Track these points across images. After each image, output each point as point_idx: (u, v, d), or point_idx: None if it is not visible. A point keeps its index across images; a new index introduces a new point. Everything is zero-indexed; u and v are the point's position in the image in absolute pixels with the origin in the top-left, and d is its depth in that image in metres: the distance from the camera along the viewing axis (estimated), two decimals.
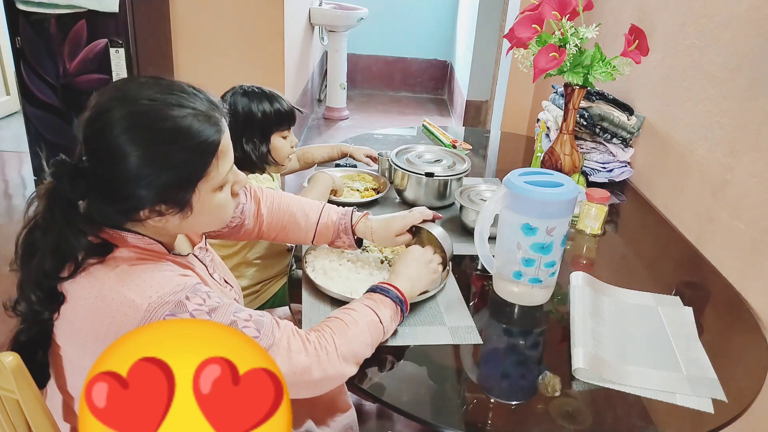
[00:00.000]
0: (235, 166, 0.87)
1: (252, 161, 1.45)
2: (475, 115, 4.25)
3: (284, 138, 1.51)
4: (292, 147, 1.54)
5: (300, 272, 1.23)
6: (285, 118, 1.50)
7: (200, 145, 0.78)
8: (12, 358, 0.74)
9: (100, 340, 0.76)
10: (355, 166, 1.82)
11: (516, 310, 1.17)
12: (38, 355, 0.84)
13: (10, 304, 0.82)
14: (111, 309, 0.75)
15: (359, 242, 1.21)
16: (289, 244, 1.61)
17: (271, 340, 0.82)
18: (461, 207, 1.44)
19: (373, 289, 1.02)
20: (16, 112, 4.18)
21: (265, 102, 1.46)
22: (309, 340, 0.87)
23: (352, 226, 1.19)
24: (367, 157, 1.79)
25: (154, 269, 0.79)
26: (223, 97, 1.47)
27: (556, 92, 2.05)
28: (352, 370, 0.92)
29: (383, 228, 1.17)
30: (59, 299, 0.78)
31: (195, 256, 0.95)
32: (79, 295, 0.77)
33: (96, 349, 0.73)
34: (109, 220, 0.81)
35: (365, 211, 1.23)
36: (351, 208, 1.23)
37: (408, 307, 1.04)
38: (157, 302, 0.75)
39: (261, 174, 1.50)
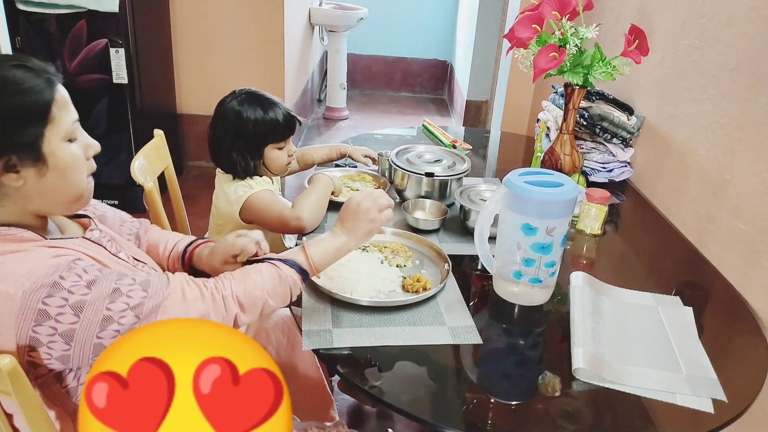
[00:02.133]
0: (82, 129, 0.87)
1: (237, 172, 1.44)
2: (475, 115, 4.25)
3: (280, 149, 1.49)
4: (289, 156, 1.52)
5: None
6: (280, 130, 1.46)
7: (41, 88, 0.79)
8: (8, 361, 0.74)
9: None
10: (354, 166, 1.82)
11: (516, 310, 1.17)
12: None
13: None
14: None
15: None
16: (288, 243, 1.61)
17: (161, 296, 0.82)
18: (461, 207, 1.44)
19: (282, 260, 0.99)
20: None
21: (259, 111, 1.42)
22: (206, 285, 0.87)
23: (186, 255, 1.14)
24: (366, 157, 1.78)
25: (23, 257, 0.77)
26: (219, 104, 1.46)
27: (556, 92, 2.05)
28: (246, 316, 0.91)
29: (208, 255, 1.10)
30: None
31: (87, 239, 0.92)
32: None
33: None
34: None
35: (207, 239, 1.19)
36: (200, 238, 1.19)
37: (314, 271, 1.02)
38: (31, 288, 0.74)
39: (260, 177, 1.49)
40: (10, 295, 0.73)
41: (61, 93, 0.82)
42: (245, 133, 1.43)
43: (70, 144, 0.83)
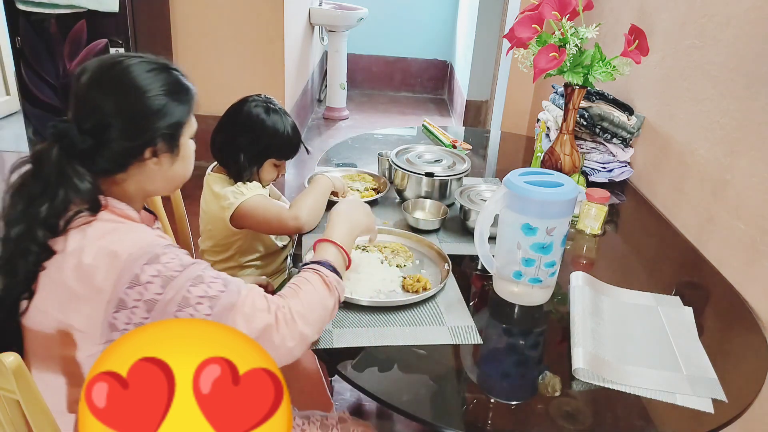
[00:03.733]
0: None
1: (239, 174, 1.44)
2: (475, 115, 4.25)
3: (276, 165, 1.49)
4: (280, 175, 1.53)
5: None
6: (288, 150, 1.48)
7: (188, 91, 0.95)
8: (13, 359, 0.74)
9: (79, 292, 0.80)
10: (355, 166, 1.82)
11: (516, 310, 1.17)
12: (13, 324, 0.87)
13: None
14: (94, 260, 0.81)
15: None
16: (280, 243, 1.61)
17: (237, 296, 0.85)
18: (461, 207, 1.44)
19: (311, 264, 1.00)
20: (16, 112, 4.17)
21: (279, 124, 1.44)
22: (272, 301, 0.89)
23: None
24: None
25: (133, 228, 0.87)
26: (243, 102, 1.46)
27: (556, 92, 2.05)
28: (309, 327, 0.90)
29: None
30: (49, 251, 0.83)
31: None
32: (65, 247, 0.83)
33: (74, 305, 0.81)
34: (113, 167, 0.89)
35: None
36: None
37: (349, 260, 1.06)
38: (136, 253, 0.81)
39: (251, 183, 1.47)
40: (117, 255, 0.81)
41: (196, 100, 0.98)
42: (261, 140, 1.43)
43: (191, 141, 0.99)
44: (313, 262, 0.99)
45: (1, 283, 0.85)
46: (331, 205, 1.49)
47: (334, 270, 0.99)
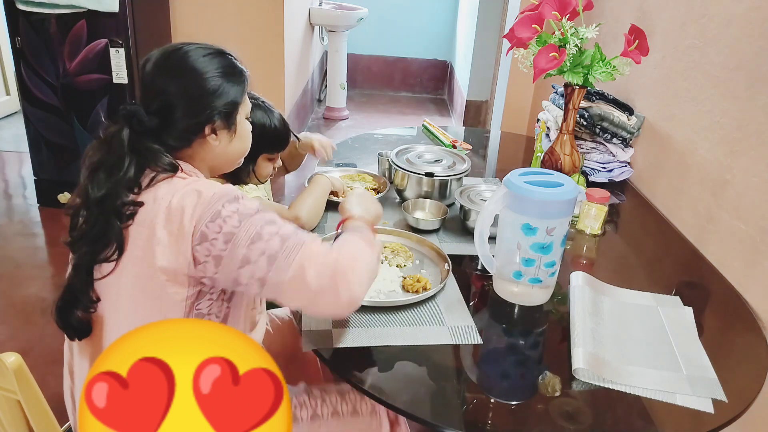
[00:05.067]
0: None
1: (235, 173, 1.43)
2: (475, 115, 4.25)
3: (270, 160, 1.48)
4: (274, 168, 1.53)
5: None
6: (279, 142, 1.46)
7: (242, 74, 1.03)
8: (14, 359, 0.74)
9: (169, 233, 0.87)
10: (355, 166, 1.82)
11: (516, 310, 1.17)
12: (83, 301, 0.93)
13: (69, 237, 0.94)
14: (181, 200, 0.88)
15: None
16: None
17: (304, 239, 0.90)
18: (461, 207, 1.44)
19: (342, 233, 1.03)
20: (16, 112, 4.18)
21: (266, 118, 1.41)
22: (331, 252, 0.92)
23: None
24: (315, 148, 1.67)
25: (210, 180, 0.98)
26: None
27: (556, 92, 2.05)
28: (364, 280, 0.92)
29: None
30: (136, 205, 0.90)
31: None
32: (155, 196, 0.90)
33: (161, 247, 0.87)
34: (179, 143, 0.98)
35: None
36: None
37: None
38: (218, 193, 0.89)
39: (246, 185, 1.47)
40: (201, 193, 0.89)
41: (249, 82, 1.05)
42: (263, 135, 1.42)
43: (246, 121, 1.07)
44: (345, 231, 1.04)
45: (83, 250, 0.91)
46: (330, 204, 1.50)
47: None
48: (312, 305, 0.90)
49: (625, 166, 1.88)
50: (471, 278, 1.28)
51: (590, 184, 1.77)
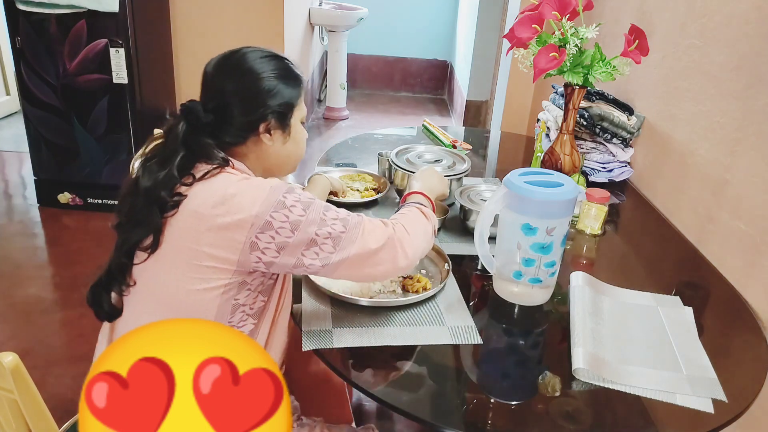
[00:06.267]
0: None
1: None
2: (475, 115, 4.25)
3: None
4: None
5: None
6: None
7: (297, 78, 1.07)
8: (11, 358, 0.74)
9: (222, 221, 0.90)
10: (355, 166, 1.82)
11: (516, 310, 1.17)
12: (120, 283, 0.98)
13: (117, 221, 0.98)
14: (238, 189, 0.92)
15: None
16: None
17: (361, 219, 0.99)
18: (461, 207, 1.44)
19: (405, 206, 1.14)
20: (16, 112, 4.18)
21: None
22: (388, 222, 1.03)
23: None
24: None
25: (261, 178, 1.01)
26: None
27: (556, 92, 2.05)
28: (418, 247, 1.04)
29: None
30: (180, 196, 0.94)
31: None
32: (210, 185, 0.94)
33: (213, 234, 0.91)
34: (234, 139, 1.02)
35: None
36: None
37: (433, 207, 1.18)
38: (277, 185, 0.94)
39: None
40: (260, 187, 0.94)
41: (305, 87, 1.09)
42: None
43: (302, 125, 1.11)
44: (405, 203, 1.15)
45: (125, 235, 0.96)
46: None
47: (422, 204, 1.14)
48: (369, 272, 0.99)
49: (625, 166, 1.88)
50: (471, 278, 1.28)
51: (590, 184, 1.77)
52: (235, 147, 1.03)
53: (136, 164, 1.02)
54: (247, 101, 1.01)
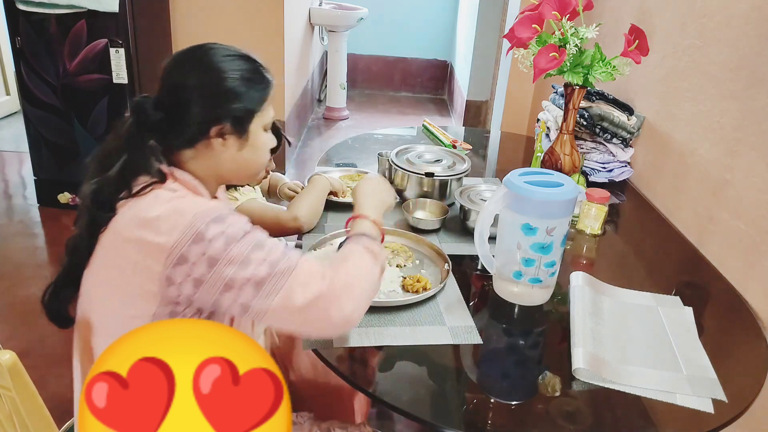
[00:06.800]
0: None
1: None
2: (475, 115, 4.25)
3: None
4: (267, 172, 1.51)
5: None
6: (273, 149, 1.45)
7: (264, 82, 0.98)
8: (9, 357, 0.74)
9: (140, 247, 0.83)
10: (355, 166, 1.82)
11: (516, 310, 1.17)
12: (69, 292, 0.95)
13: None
14: (160, 215, 0.84)
15: None
16: None
17: (294, 263, 0.87)
18: (461, 207, 1.44)
19: (353, 237, 1.02)
20: (16, 112, 4.18)
21: None
22: (326, 271, 0.90)
23: None
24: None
25: (203, 198, 0.94)
26: None
27: (556, 92, 2.05)
28: (360, 301, 0.90)
29: None
30: (113, 212, 0.88)
31: None
32: (135, 205, 0.87)
33: (132, 261, 0.84)
34: (181, 142, 0.94)
35: None
36: None
37: (382, 234, 1.09)
38: (201, 213, 0.84)
39: (242, 186, 1.46)
40: (183, 213, 0.84)
41: (272, 92, 1.00)
42: None
43: (265, 132, 1.01)
44: (353, 236, 1.01)
45: (73, 235, 0.92)
46: (329, 205, 1.50)
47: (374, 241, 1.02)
48: (300, 330, 0.88)
49: (625, 166, 1.88)
50: (471, 278, 1.28)
51: (590, 184, 1.77)
52: (184, 150, 0.95)
53: None
54: (203, 100, 0.92)
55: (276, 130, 1.45)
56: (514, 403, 0.95)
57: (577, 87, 1.55)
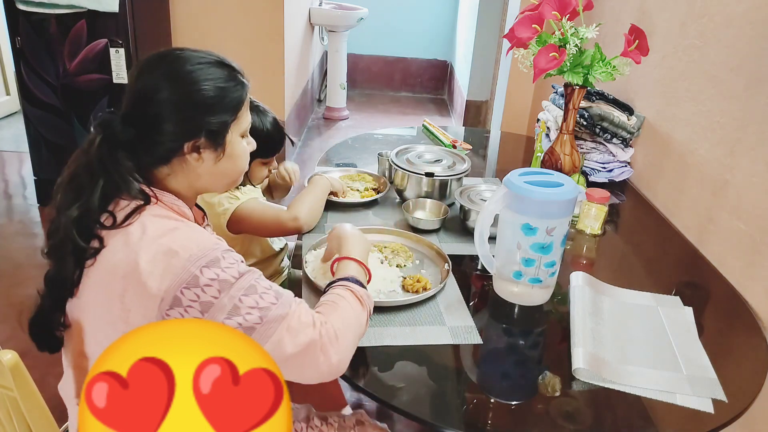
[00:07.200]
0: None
1: None
2: (475, 115, 4.25)
3: (264, 164, 1.46)
4: (269, 171, 1.50)
5: (299, 272, 1.23)
6: (272, 145, 1.44)
7: (240, 88, 0.92)
8: (11, 356, 0.74)
9: (134, 287, 0.80)
10: (355, 166, 1.82)
11: (516, 310, 1.17)
12: (56, 318, 0.89)
13: (45, 250, 0.87)
14: (154, 257, 0.80)
15: None
16: (277, 246, 1.61)
17: (288, 309, 0.85)
18: (461, 207, 1.44)
19: (338, 281, 1.01)
20: (16, 112, 4.18)
21: (258, 120, 1.37)
22: (317, 318, 0.89)
23: None
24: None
25: (194, 229, 0.87)
26: None
27: (556, 92, 2.05)
28: (349, 348, 0.89)
29: None
30: (99, 243, 0.83)
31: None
32: (126, 240, 0.82)
33: (125, 300, 0.80)
34: (155, 159, 0.89)
35: None
36: None
37: (369, 275, 1.08)
38: (196, 254, 0.81)
39: (243, 186, 1.44)
40: (178, 254, 0.80)
41: (248, 97, 0.95)
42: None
43: (242, 139, 0.96)
44: (340, 279, 1.00)
45: (53, 267, 0.86)
46: (329, 205, 1.50)
47: (361, 285, 1.00)
48: (289, 375, 0.85)
49: (625, 166, 1.88)
50: (471, 278, 1.28)
51: (590, 184, 1.77)
52: (160, 167, 0.90)
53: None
54: (176, 115, 0.86)
55: (279, 130, 1.46)
56: (514, 403, 0.95)
57: (577, 87, 1.55)
